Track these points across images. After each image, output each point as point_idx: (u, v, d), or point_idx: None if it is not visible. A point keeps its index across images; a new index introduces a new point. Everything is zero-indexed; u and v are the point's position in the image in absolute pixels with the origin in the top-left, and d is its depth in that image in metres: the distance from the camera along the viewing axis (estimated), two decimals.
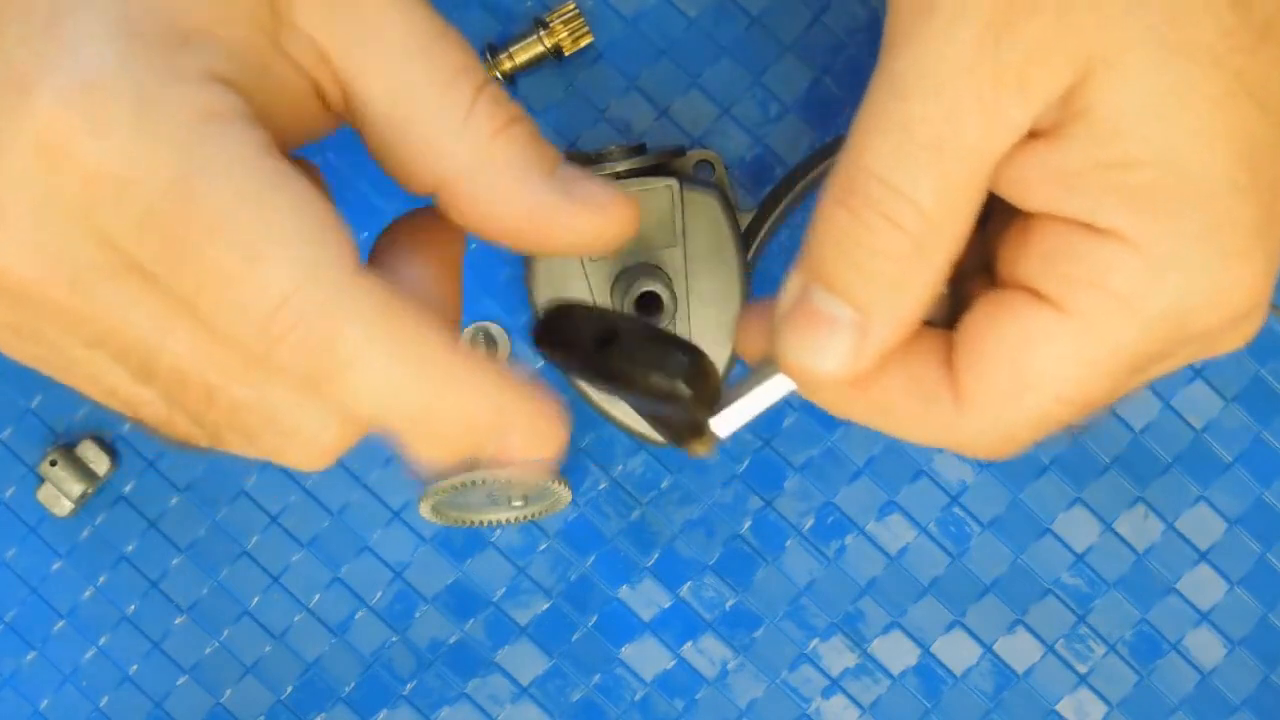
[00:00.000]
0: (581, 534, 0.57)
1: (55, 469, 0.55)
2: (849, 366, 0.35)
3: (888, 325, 0.35)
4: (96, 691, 0.57)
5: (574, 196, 0.34)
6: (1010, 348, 0.34)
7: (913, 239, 0.34)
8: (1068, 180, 0.34)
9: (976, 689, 0.57)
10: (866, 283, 0.34)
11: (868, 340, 0.35)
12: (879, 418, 0.36)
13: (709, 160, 0.56)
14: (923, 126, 0.33)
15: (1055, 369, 0.34)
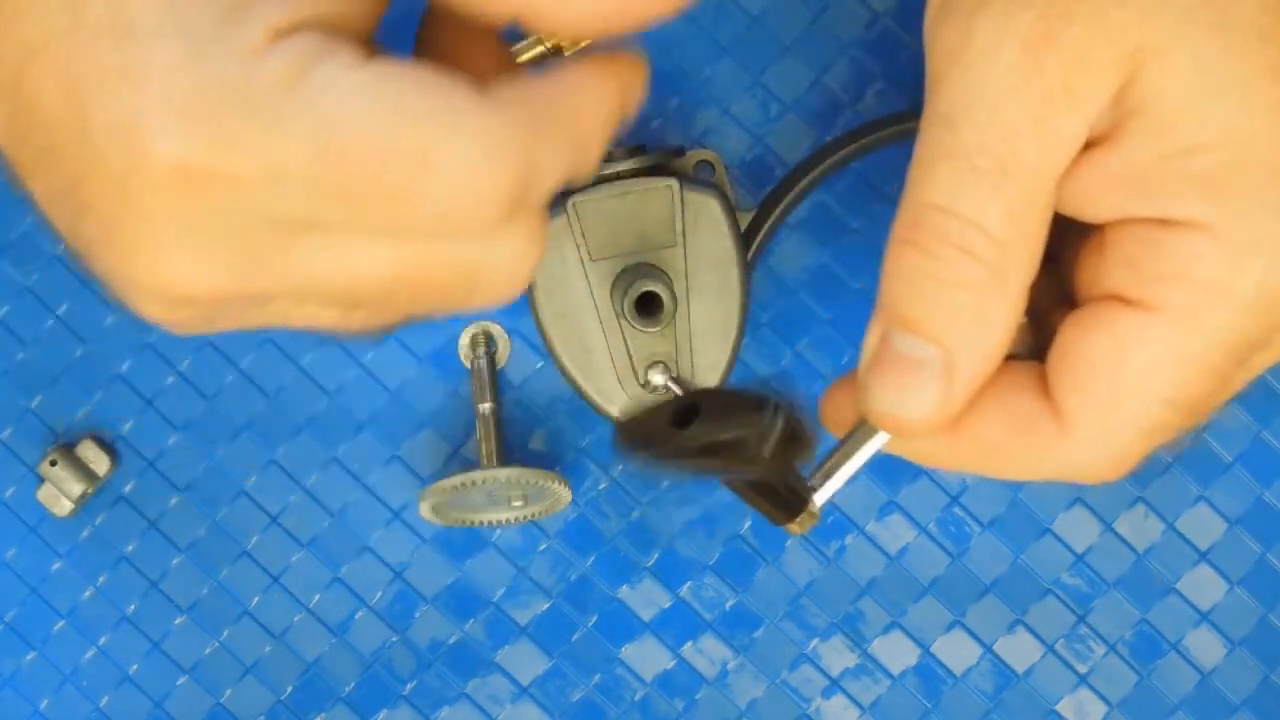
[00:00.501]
0: (581, 534, 0.57)
1: (55, 469, 0.55)
2: (940, 408, 0.35)
3: (974, 360, 0.34)
4: (96, 691, 0.57)
5: None
6: (1105, 357, 0.34)
7: (988, 266, 0.34)
8: (1134, 180, 0.33)
9: (976, 689, 0.57)
10: (947, 318, 0.34)
11: (956, 378, 0.34)
12: (981, 460, 0.36)
13: (709, 160, 0.56)
14: (980, 153, 0.33)
15: (1155, 371, 0.33)
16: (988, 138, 0.33)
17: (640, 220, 0.52)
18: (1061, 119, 0.33)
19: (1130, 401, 0.34)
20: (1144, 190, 0.33)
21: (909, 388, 0.35)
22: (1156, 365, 0.33)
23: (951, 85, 0.34)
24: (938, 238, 0.34)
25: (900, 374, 0.35)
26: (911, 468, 0.57)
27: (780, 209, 0.53)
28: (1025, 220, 0.34)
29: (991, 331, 0.34)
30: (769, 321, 0.56)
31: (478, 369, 0.56)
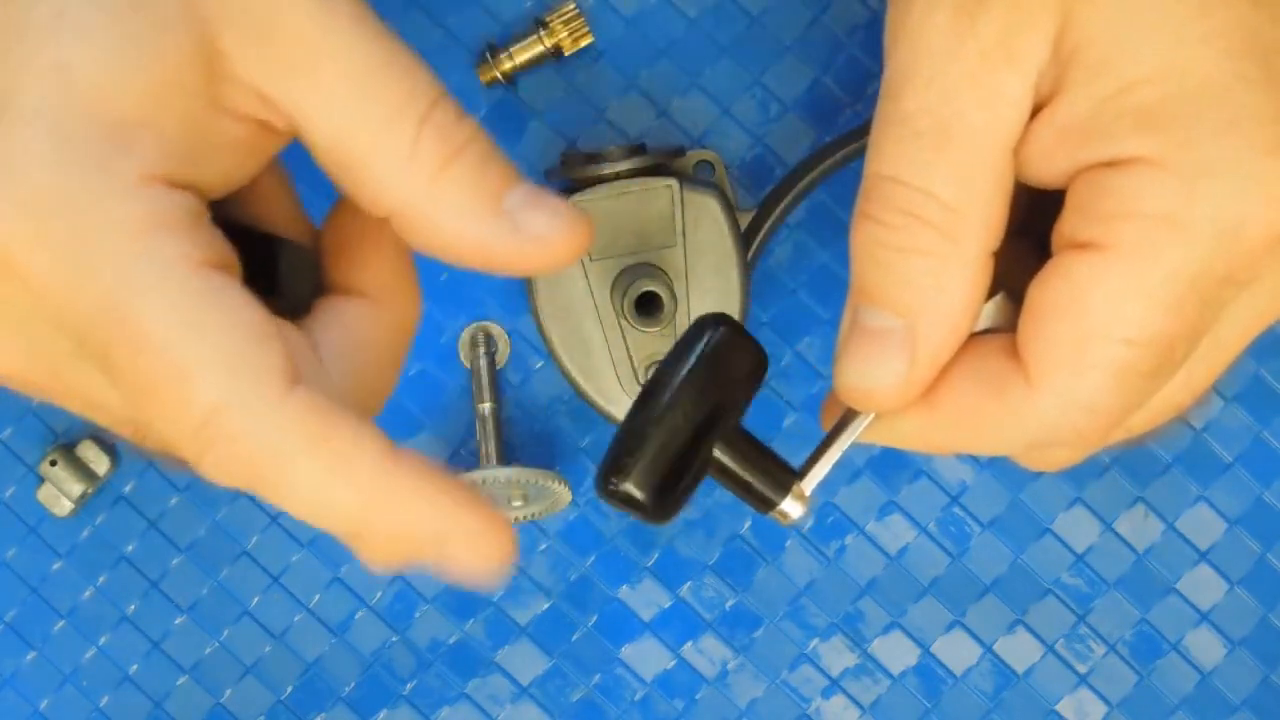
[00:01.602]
0: (581, 534, 0.57)
1: (55, 469, 0.55)
2: (906, 378, 0.34)
3: (937, 327, 0.34)
4: (96, 691, 0.57)
5: (520, 231, 0.33)
6: (1063, 303, 0.33)
7: (939, 230, 0.34)
8: (1080, 129, 0.33)
9: (976, 689, 0.57)
10: (905, 286, 0.34)
11: (919, 345, 0.34)
12: (960, 431, 0.35)
13: (709, 160, 0.56)
14: (922, 118, 0.33)
15: (1113, 310, 0.33)
16: (928, 102, 0.33)
17: (640, 220, 0.52)
18: (1001, 77, 0.33)
19: (1091, 345, 0.33)
20: (1089, 136, 0.33)
21: (873, 359, 0.35)
22: (1113, 304, 0.33)
23: (895, 56, 0.34)
24: (887, 205, 0.34)
25: (865, 346, 0.35)
26: (911, 467, 0.57)
27: (780, 209, 0.53)
28: (974, 182, 0.34)
29: (951, 297, 0.34)
30: (769, 321, 0.56)
31: (478, 369, 0.56)
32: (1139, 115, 0.32)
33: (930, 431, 0.36)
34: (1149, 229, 0.32)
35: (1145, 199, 0.32)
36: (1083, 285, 0.33)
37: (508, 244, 0.33)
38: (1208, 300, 0.33)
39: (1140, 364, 0.33)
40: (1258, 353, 0.56)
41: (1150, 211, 0.32)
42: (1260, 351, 0.56)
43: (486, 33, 0.56)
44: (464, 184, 0.32)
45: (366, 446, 0.32)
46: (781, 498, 0.38)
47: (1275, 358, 0.56)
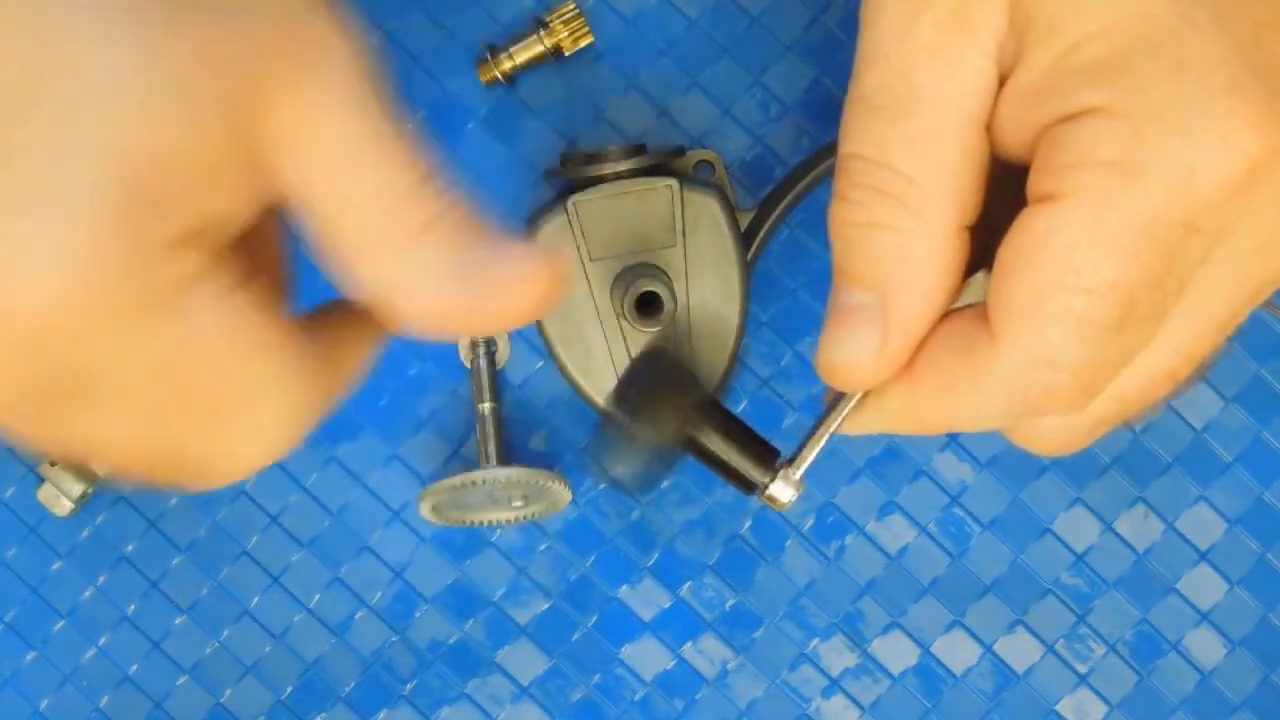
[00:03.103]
0: (581, 534, 0.57)
1: (55, 469, 0.55)
2: (878, 351, 0.34)
3: (908, 299, 0.34)
4: (96, 691, 0.57)
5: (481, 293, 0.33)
6: (1022, 257, 0.33)
7: (901, 202, 0.34)
8: (1038, 90, 0.33)
9: (976, 689, 0.57)
10: (874, 260, 0.34)
11: (892, 318, 0.34)
12: (940, 403, 0.35)
13: (709, 160, 0.56)
14: (882, 93, 0.34)
15: (1070, 258, 0.32)
16: (887, 78, 0.34)
17: (640, 220, 0.52)
18: (957, 49, 0.33)
19: (1049, 296, 0.32)
20: (1046, 96, 0.33)
21: (847, 335, 0.35)
22: (1069, 254, 0.32)
23: (860, 38, 0.34)
24: (853, 182, 0.34)
25: (840, 323, 0.35)
26: (912, 467, 0.57)
27: (780, 209, 0.53)
28: (935, 153, 0.34)
29: (921, 269, 0.34)
30: (769, 321, 0.56)
31: (477, 369, 0.56)
32: (1091, 68, 0.32)
33: (913, 405, 0.36)
34: (1102, 176, 0.32)
35: (1098, 147, 0.32)
36: (1039, 236, 0.33)
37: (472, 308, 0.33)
38: (1169, 249, 0.32)
39: (1101, 314, 0.32)
40: (1258, 353, 0.56)
41: (1102, 159, 0.32)
42: (1260, 351, 0.56)
43: (486, 33, 0.56)
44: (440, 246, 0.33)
45: None
46: (766, 479, 0.38)
47: (1275, 357, 0.56)
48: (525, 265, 0.33)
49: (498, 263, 0.33)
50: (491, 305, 0.33)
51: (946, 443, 0.57)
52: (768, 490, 0.38)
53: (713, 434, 0.37)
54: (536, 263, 0.33)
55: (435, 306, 0.33)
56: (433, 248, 0.33)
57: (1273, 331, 0.56)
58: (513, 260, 0.33)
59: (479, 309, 0.33)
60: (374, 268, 0.33)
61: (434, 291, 0.33)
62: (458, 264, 0.33)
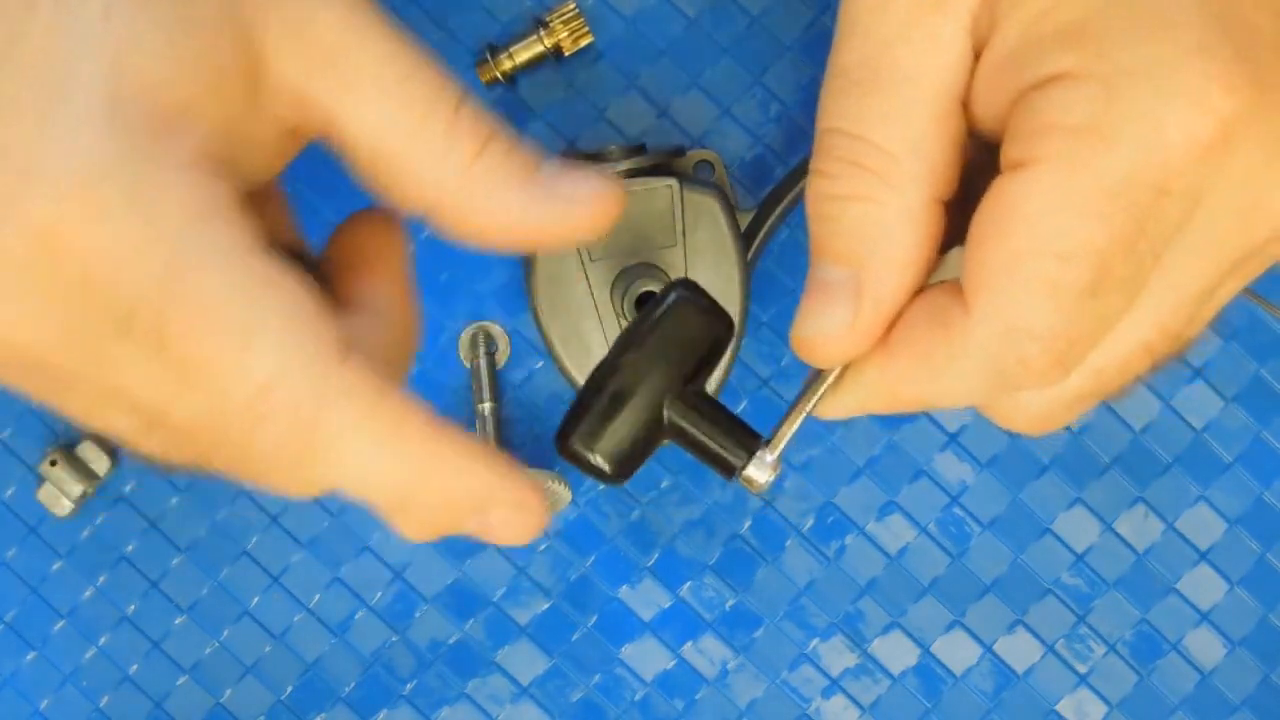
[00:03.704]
0: (581, 534, 0.57)
1: (55, 469, 0.55)
2: (852, 324, 0.34)
3: (883, 273, 0.34)
4: (96, 691, 0.57)
5: (558, 199, 0.34)
6: (994, 224, 0.33)
7: (877, 174, 0.34)
8: (1010, 59, 0.33)
9: (976, 689, 0.57)
10: (848, 234, 0.34)
11: (865, 291, 0.34)
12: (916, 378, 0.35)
13: (709, 160, 0.56)
14: (859, 68, 0.34)
15: (1041, 224, 0.32)
16: (864, 53, 0.34)
17: (640, 220, 0.52)
18: (932, 22, 0.33)
19: (1021, 262, 0.32)
20: (1019, 64, 0.33)
21: (821, 310, 0.35)
22: (1040, 219, 0.32)
23: (839, 17, 0.35)
24: (828, 156, 0.34)
25: (814, 299, 0.35)
26: (912, 468, 0.57)
27: (780, 209, 0.53)
28: (910, 126, 0.34)
29: (894, 242, 0.34)
30: (769, 321, 0.56)
31: (477, 369, 0.56)
32: (1061, 33, 0.32)
33: (890, 381, 0.35)
34: (1073, 139, 0.32)
35: (1068, 111, 0.32)
36: (1010, 202, 0.32)
37: (549, 212, 0.34)
38: (1142, 211, 0.32)
39: (1075, 279, 0.32)
40: (1258, 353, 0.56)
41: (1073, 123, 0.32)
42: (1260, 351, 0.56)
43: (486, 33, 0.56)
44: (499, 167, 0.33)
45: (416, 417, 0.32)
46: (744, 461, 0.37)
47: (1275, 357, 0.56)
48: (589, 181, 0.34)
49: (563, 178, 0.34)
50: (565, 218, 0.34)
51: (946, 443, 0.57)
52: (744, 472, 0.38)
53: (691, 416, 0.37)
54: (598, 180, 0.34)
55: (509, 222, 0.33)
56: (498, 166, 0.33)
57: (1273, 331, 0.56)
58: (576, 177, 0.34)
59: (553, 221, 0.34)
60: (438, 191, 0.33)
61: (506, 208, 0.33)
62: (524, 180, 0.33)
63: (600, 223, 0.34)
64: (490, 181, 0.33)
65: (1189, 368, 0.56)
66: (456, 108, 0.33)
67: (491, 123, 0.34)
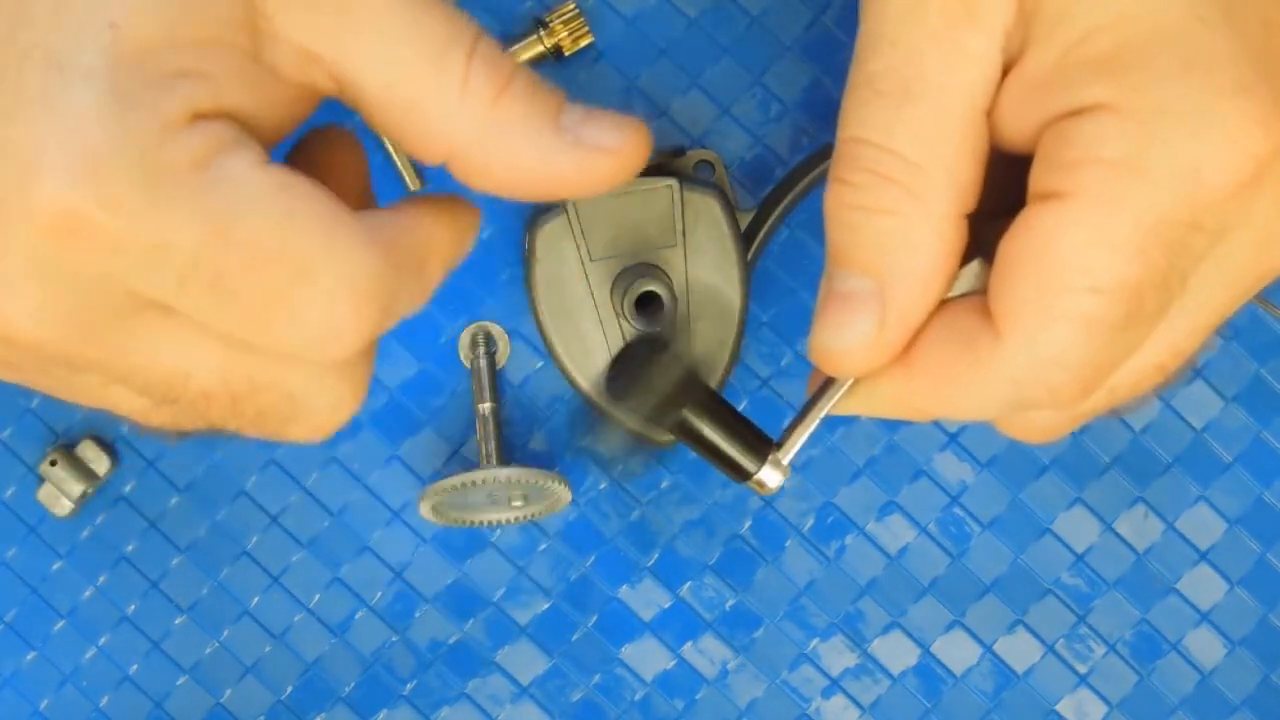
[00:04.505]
0: (581, 534, 0.57)
1: (55, 469, 0.55)
2: (875, 339, 0.34)
3: (906, 286, 0.34)
4: (96, 691, 0.57)
5: (583, 145, 0.33)
6: (1029, 254, 0.33)
7: (904, 188, 0.34)
8: (1044, 82, 0.33)
9: (976, 689, 0.57)
10: (872, 246, 0.34)
11: (889, 305, 0.34)
12: (934, 393, 0.35)
13: (709, 160, 0.56)
14: (886, 78, 0.34)
15: (1079, 258, 0.32)
16: (892, 62, 0.33)
17: (640, 220, 0.52)
18: (964, 36, 0.33)
19: (1055, 294, 0.32)
20: (1052, 88, 0.33)
21: (844, 321, 0.35)
22: (1080, 253, 0.32)
23: (863, 22, 0.34)
24: (854, 166, 0.34)
25: (837, 310, 0.35)
26: (912, 468, 0.57)
27: (780, 209, 0.53)
28: (939, 139, 0.33)
29: (920, 256, 0.34)
30: (769, 321, 0.56)
31: (477, 369, 0.56)
32: (1098, 62, 0.32)
33: (907, 394, 0.35)
34: (1110, 175, 0.32)
35: (1105, 144, 0.32)
36: (1047, 235, 0.32)
37: (572, 158, 0.33)
38: (1175, 247, 0.32)
39: (1108, 314, 0.32)
40: (1258, 353, 0.56)
41: (1110, 157, 0.32)
42: (1260, 351, 0.56)
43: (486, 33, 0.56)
44: (520, 109, 0.33)
45: None
46: (757, 466, 0.37)
47: (1275, 357, 0.56)
48: (616, 127, 0.33)
49: (589, 122, 0.33)
50: (590, 165, 0.33)
51: (946, 443, 0.57)
52: (755, 476, 0.38)
53: (704, 418, 0.37)
54: (624, 124, 0.33)
55: (532, 169, 0.33)
56: (519, 109, 0.32)
57: (1273, 331, 0.56)
58: (603, 121, 0.33)
59: (577, 168, 0.33)
60: (457, 138, 0.32)
61: (529, 154, 0.33)
62: (548, 124, 0.33)
63: (626, 171, 0.34)
64: (512, 126, 0.32)
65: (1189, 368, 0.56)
66: (471, 49, 0.32)
67: (510, 63, 0.33)
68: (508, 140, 0.33)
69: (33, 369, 0.33)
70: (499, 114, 0.32)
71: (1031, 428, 0.37)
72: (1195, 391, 0.56)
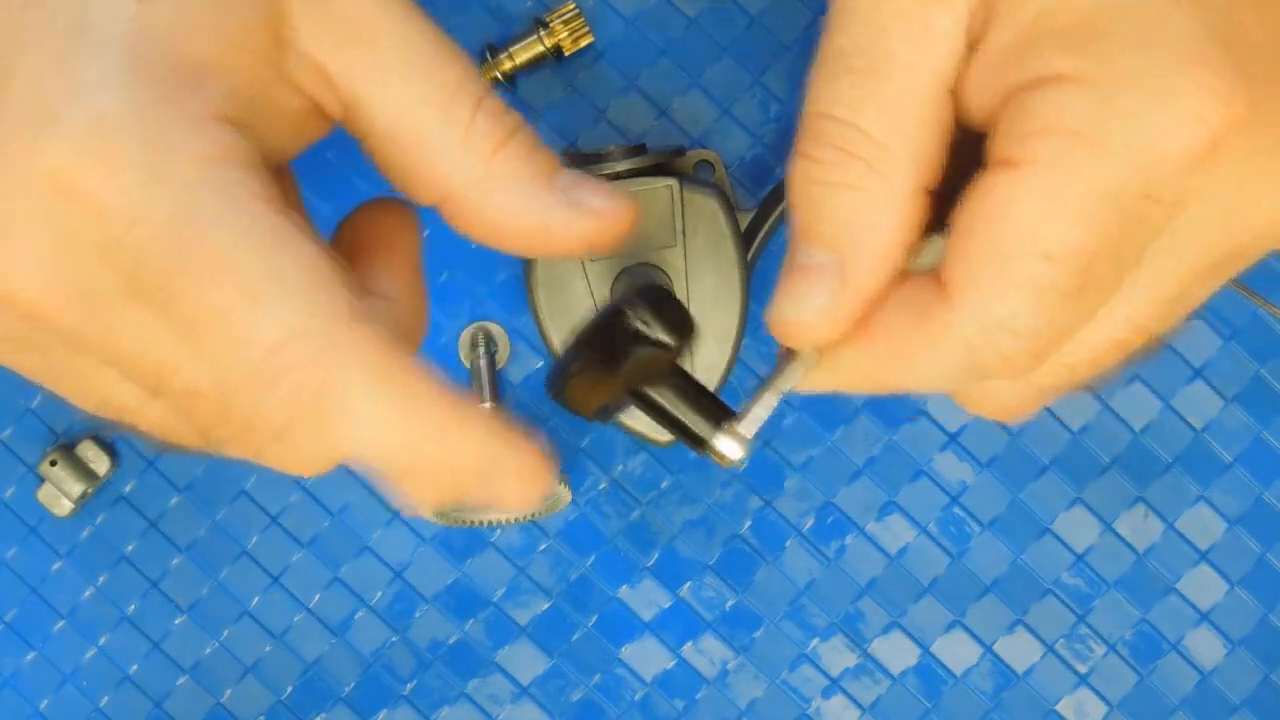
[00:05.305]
0: (581, 534, 0.57)
1: (55, 469, 0.55)
2: (831, 310, 0.35)
3: (865, 259, 0.34)
4: (96, 691, 0.57)
5: (575, 206, 0.34)
6: (982, 221, 0.33)
7: (867, 163, 0.34)
8: (1006, 56, 0.33)
9: (976, 689, 0.57)
10: (833, 218, 0.34)
11: (847, 277, 0.34)
12: (892, 363, 0.35)
13: (709, 160, 0.56)
14: (854, 55, 0.34)
15: (1032, 225, 0.32)
16: (860, 39, 0.34)
17: (640, 220, 0.52)
18: (931, 13, 0.34)
19: (1007, 260, 0.33)
20: (1014, 61, 0.33)
21: (802, 294, 0.35)
22: (1033, 220, 0.32)
23: (832, 4, 0.34)
24: (818, 141, 0.34)
25: (796, 282, 0.35)
26: (912, 468, 0.57)
27: (780, 209, 0.53)
28: (903, 116, 0.34)
29: (880, 231, 0.34)
30: None
31: (477, 369, 0.56)
32: (1059, 35, 0.33)
33: (866, 365, 0.36)
34: (1066, 144, 0.32)
35: (1063, 114, 0.32)
36: (1000, 202, 0.33)
37: (562, 215, 0.34)
38: (1129, 217, 0.32)
39: (1059, 280, 0.33)
40: (1258, 353, 0.56)
41: (1067, 126, 0.32)
42: (1260, 351, 0.56)
43: (486, 33, 0.56)
44: (519, 160, 0.34)
45: (427, 381, 0.32)
46: (712, 433, 0.38)
47: (1275, 357, 0.56)
48: (606, 194, 0.34)
49: (581, 186, 0.34)
50: (578, 225, 0.34)
51: (946, 443, 0.57)
52: (713, 445, 0.38)
53: (665, 389, 0.38)
54: (614, 192, 0.35)
55: (522, 221, 0.34)
56: (518, 163, 0.33)
57: (1273, 331, 0.56)
58: (593, 187, 0.34)
59: (565, 227, 0.34)
60: (455, 183, 0.33)
61: (521, 207, 0.34)
62: (542, 181, 0.34)
63: (610, 236, 0.35)
64: (508, 178, 0.33)
65: (1189, 368, 0.56)
66: (479, 99, 0.33)
67: (514, 119, 0.34)
68: (503, 190, 0.33)
69: (33, 346, 0.33)
70: (497, 164, 0.33)
71: (992, 402, 0.37)
72: (1195, 391, 0.57)
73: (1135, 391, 0.57)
